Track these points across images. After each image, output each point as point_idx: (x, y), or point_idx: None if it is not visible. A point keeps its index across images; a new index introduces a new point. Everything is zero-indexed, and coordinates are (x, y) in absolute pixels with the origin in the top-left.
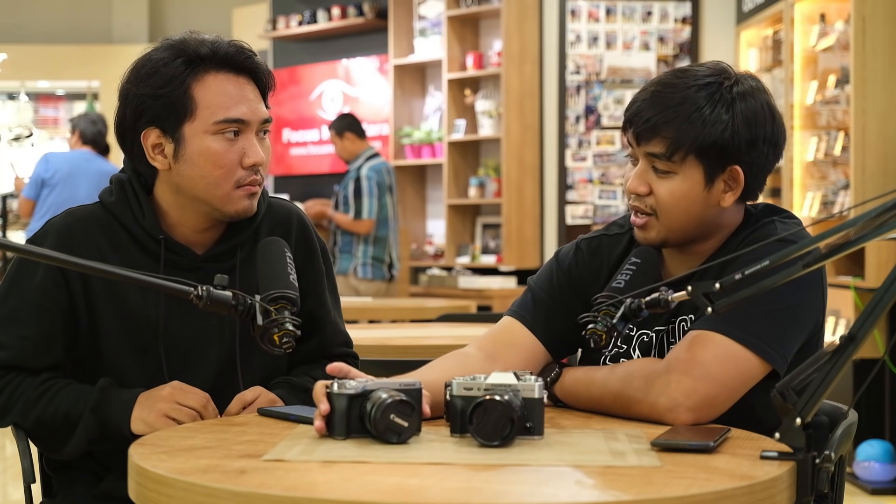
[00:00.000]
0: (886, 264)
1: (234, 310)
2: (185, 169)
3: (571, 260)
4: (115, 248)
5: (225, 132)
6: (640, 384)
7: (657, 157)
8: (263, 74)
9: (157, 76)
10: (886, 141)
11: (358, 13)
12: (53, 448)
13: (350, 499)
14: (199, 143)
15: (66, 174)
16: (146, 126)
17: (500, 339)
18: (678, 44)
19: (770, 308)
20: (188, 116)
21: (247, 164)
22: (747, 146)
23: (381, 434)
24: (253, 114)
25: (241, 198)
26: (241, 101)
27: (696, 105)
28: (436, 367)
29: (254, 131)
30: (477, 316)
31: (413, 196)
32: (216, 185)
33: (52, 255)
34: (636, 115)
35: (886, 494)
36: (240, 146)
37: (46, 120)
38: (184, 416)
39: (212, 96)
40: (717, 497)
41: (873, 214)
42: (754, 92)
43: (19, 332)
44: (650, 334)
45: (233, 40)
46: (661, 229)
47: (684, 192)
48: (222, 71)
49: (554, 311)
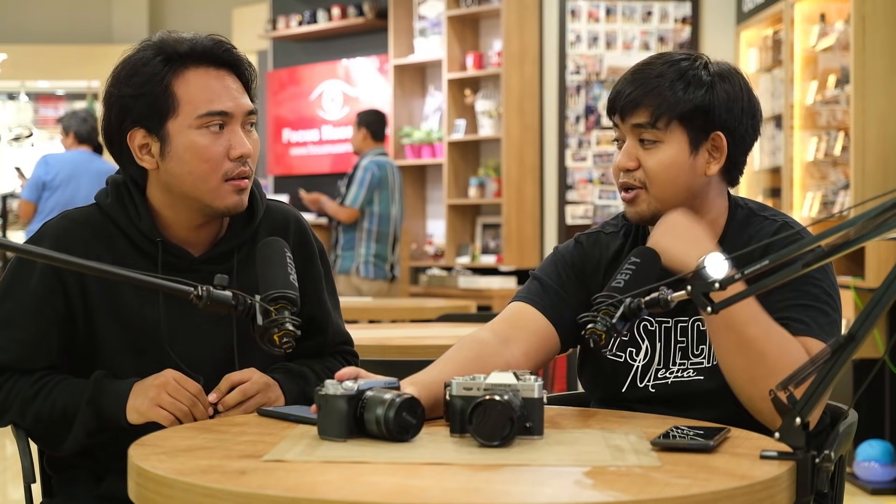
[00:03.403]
0: (886, 264)
1: (234, 310)
2: (172, 166)
3: (573, 252)
4: (112, 252)
5: (209, 126)
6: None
7: (643, 128)
8: (244, 67)
9: (138, 76)
10: (886, 141)
11: (358, 13)
12: (53, 444)
13: (350, 499)
14: (185, 139)
15: (67, 176)
16: (131, 127)
17: (514, 322)
18: (678, 44)
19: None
20: (171, 113)
21: (234, 156)
22: (727, 112)
23: (393, 433)
24: (236, 106)
25: (231, 192)
26: (222, 93)
27: (677, 75)
28: (451, 360)
29: (239, 123)
30: (477, 316)
31: (413, 196)
32: (204, 180)
33: (52, 255)
34: (618, 94)
35: (886, 494)
36: (225, 139)
37: (46, 120)
38: (175, 409)
39: (193, 91)
40: (717, 497)
41: (873, 214)
42: (730, 69)
43: (15, 335)
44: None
45: (211, 34)
46: (651, 201)
47: (672, 160)
48: (202, 65)
49: (562, 297)
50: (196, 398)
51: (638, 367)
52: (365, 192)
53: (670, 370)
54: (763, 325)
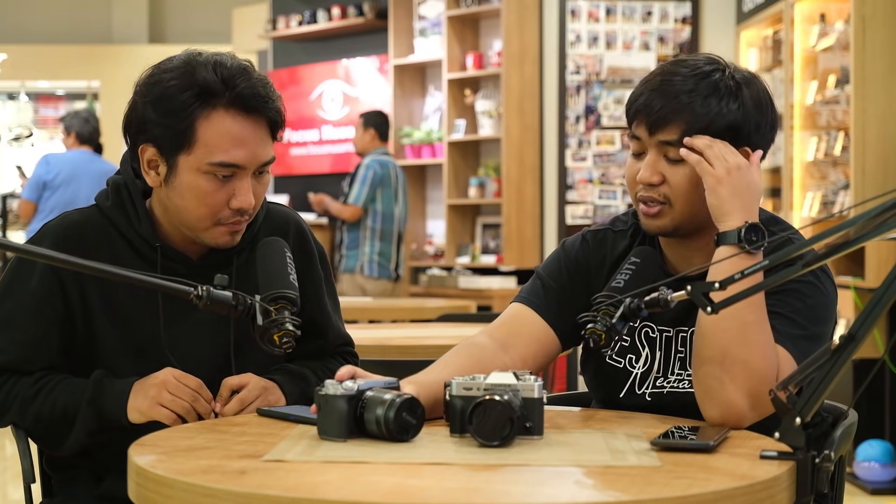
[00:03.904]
0: (886, 264)
1: (234, 310)
2: (172, 195)
3: (578, 249)
4: (112, 254)
5: (217, 174)
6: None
7: (671, 145)
8: (276, 116)
9: (165, 103)
10: (886, 141)
11: (358, 13)
12: (54, 445)
13: (350, 499)
14: (190, 178)
15: (68, 176)
16: (145, 142)
17: (512, 327)
18: (678, 44)
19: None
20: (185, 149)
21: (234, 207)
22: (755, 128)
23: (393, 433)
24: (252, 159)
25: (223, 234)
26: (241, 144)
27: (708, 90)
28: (450, 363)
29: (249, 174)
30: (477, 316)
31: (413, 196)
32: (198, 220)
33: (52, 255)
34: (646, 107)
35: (886, 494)
36: (230, 188)
37: (46, 120)
38: (177, 407)
39: (213, 136)
40: (717, 497)
41: (873, 214)
42: (753, 78)
43: (15, 336)
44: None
45: (250, 76)
46: (675, 216)
47: (699, 177)
48: (231, 109)
49: (563, 298)
50: (197, 393)
51: (637, 374)
52: (368, 189)
53: (668, 380)
54: (759, 312)
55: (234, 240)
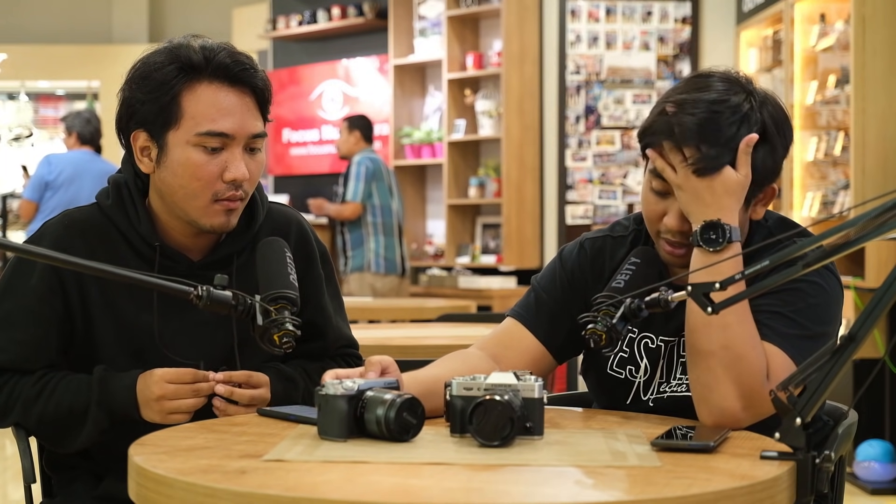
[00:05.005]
0: (886, 264)
1: (233, 310)
2: (165, 176)
3: (574, 261)
4: (111, 253)
5: (206, 144)
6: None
7: None
8: (261, 86)
9: (150, 80)
10: (886, 141)
11: (358, 13)
12: (62, 443)
13: (350, 499)
14: (180, 153)
15: (70, 176)
16: (135, 128)
17: (503, 342)
18: (678, 44)
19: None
20: (173, 124)
21: (227, 179)
22: (779, 168)
23: (393, 433)
24: (239, 128)
25: (219, 212)
26: (228, 114)
27: (735, 120)
28: (439, 366)
29: (240, 146)
30: (477, 316)
31: (413, 196)
32: (193, 197)
33: (52, 255)
34: (679, 140)
35: (886, 494)
36: (222, 159)
37: (46, 120)
38: (183, 408)
39: (199, 107)
40: (717, 497)
41: (873, 214)
42: (776, 101)
43: (15, 336)
44: (657, 341)
45: (232, 50)
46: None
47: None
48: (215, 81)
49: (556, 313)
50: (195, 383)
51: (639, 383)
52: (363, 184)
53: (670, 384)
54: (740, 313)
55: (231, 221)
